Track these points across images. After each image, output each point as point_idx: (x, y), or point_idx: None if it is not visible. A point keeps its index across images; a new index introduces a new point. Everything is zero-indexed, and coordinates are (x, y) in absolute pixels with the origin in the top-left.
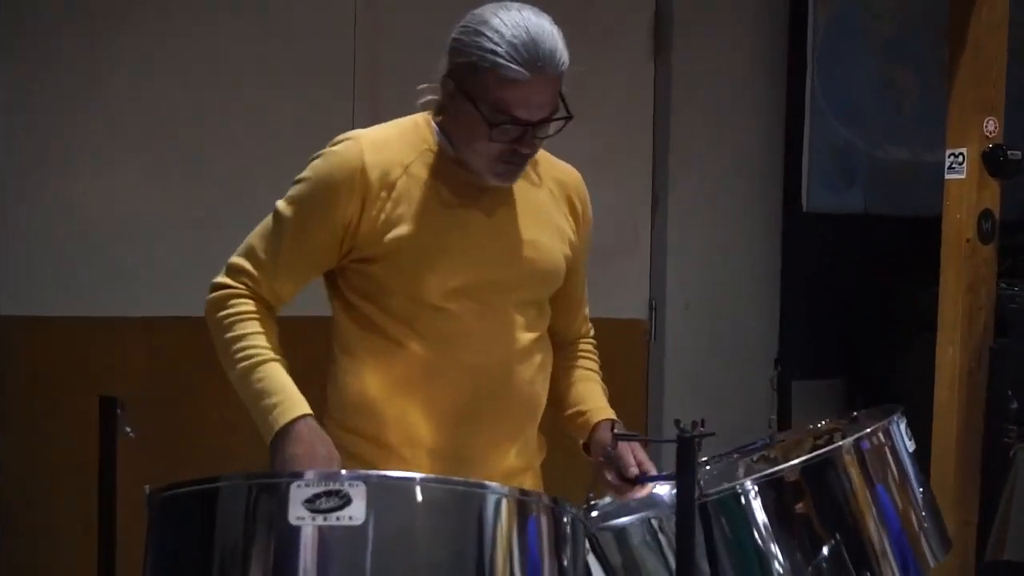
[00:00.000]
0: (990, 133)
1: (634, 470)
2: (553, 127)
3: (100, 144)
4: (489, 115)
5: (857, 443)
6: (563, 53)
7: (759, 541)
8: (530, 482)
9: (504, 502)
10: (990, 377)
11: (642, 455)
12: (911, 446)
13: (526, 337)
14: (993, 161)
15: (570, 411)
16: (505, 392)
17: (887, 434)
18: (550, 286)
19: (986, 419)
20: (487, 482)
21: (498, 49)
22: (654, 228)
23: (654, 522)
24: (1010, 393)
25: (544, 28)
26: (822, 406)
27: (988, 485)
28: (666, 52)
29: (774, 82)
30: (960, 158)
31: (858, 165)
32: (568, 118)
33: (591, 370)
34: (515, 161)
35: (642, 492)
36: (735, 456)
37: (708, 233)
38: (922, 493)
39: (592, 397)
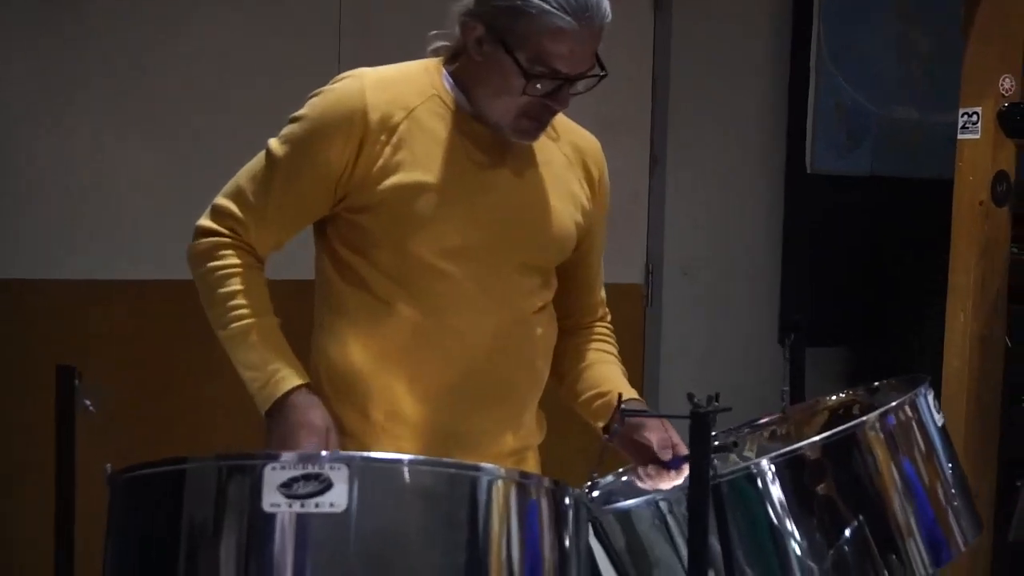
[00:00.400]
0: (1007, 91)
1: (667, 453)
2: (586, 84)
3: (67, 103)
4: (527, 65)
5: (883, 417)
6: (608, 3)
7: (776, 524)
8: (530, 463)
9: (499, 484)
10: (1008, 347)
11: (675, 435)
12: (940, 420)
13: (528, 306)
14: (1010, 120)
15: (588, 394)
16: (502, 366)
17: (914, 407)
18: (558, 253)
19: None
20: (481, 464)
21: None
22: (652, 189)
23: (663, 505)
24: None
25: None
26: (826, 374)
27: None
28: (666, 6)
29: (778, 39)
30: (975, 117)
31: (865, 126)
32: (603, 75)
33: (609, 353)
34: (542, 117)
35: (680, 478)
36: (745, 431)
37: (708, 195)
38: (951, 470)
39: (611, 379)
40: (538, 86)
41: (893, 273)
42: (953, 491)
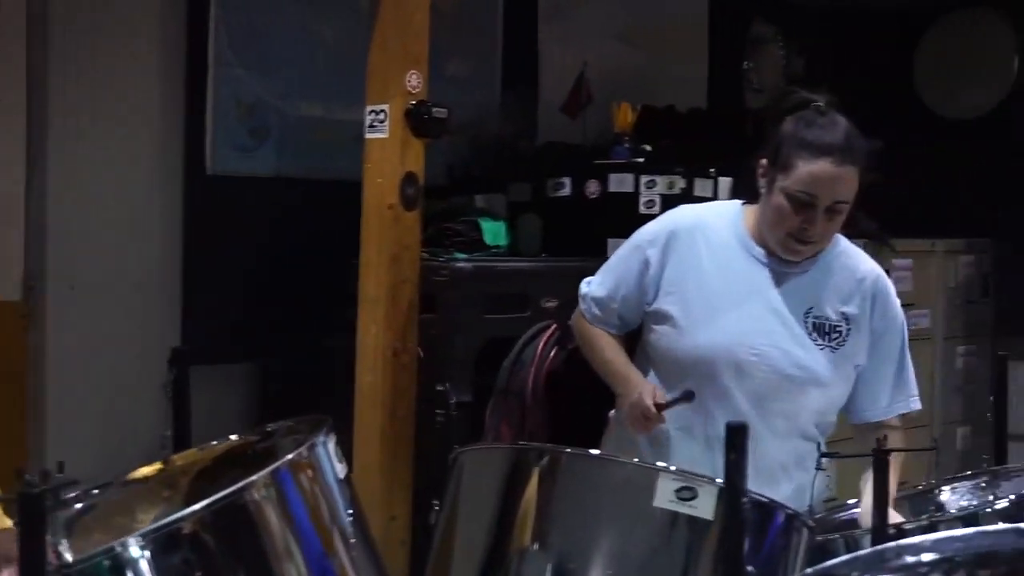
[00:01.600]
0: (414, 88)
1: None
2: None
3: None
4: None
5: (275, 474)
6: None
7: None
8: None
9: None
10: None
11: None
12: (341, 471)
13: None
14: (417, 119)
15: None
16: None
17: (312, 458)
18: None
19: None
20: None
21: None
22: (31, 195)
23: None
24: (448, 386)
25: None
26: (235, 394)
27: (420, 477)
28: None
29: (174, 25)
30: (382, 115)
31: (268, 123)
32: None
33: None
34: None
35: None
36: (118, 486)
37: (99, 201)
38: (353, 525)
39: None
40: None
41: (305, 281)
42: (355, 552)
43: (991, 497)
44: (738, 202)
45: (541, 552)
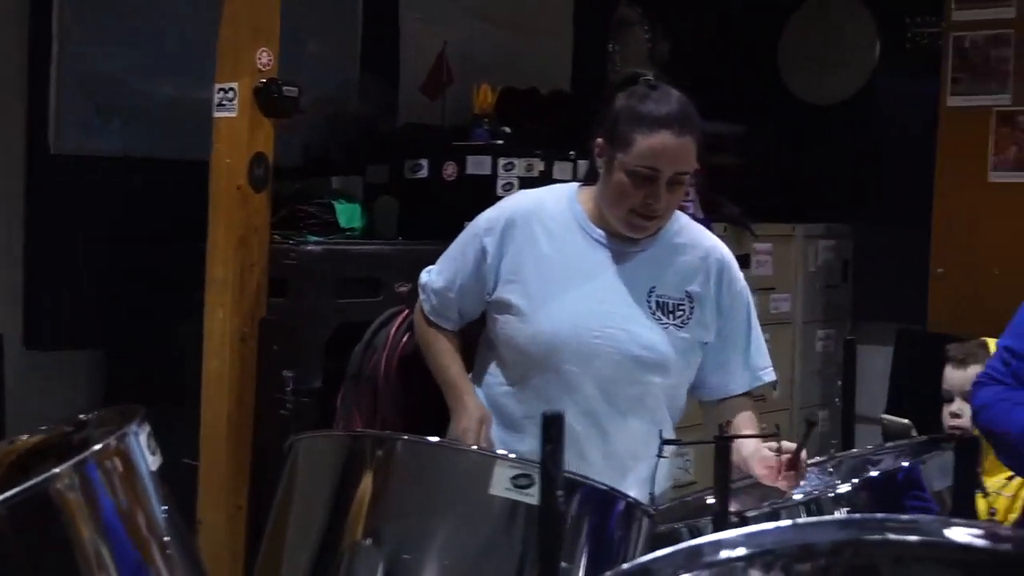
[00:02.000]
0: (264, 66)
1: None
2: None
3: None
4: None
5: (81, 467)
6: None
7: None
8: None
9: None
10: (263, 343)
11: None
12: (154, 463)
13: None
14: (267, 98)
15: None
16: None
17: (123, 449)
18: None
19: (261, 391)
20: None
21: None
22: None
23: None
24: (289, 373)
25: None
26: (81, 382)
27: (268, 466)
28: None
29: (14, 0)
30: (231, 94)
31: (116, 101)
32: None
33: None
34: None
35: None
36: None
37: None
38: (167, 522)
39: None
40: None
41: (154, 265)
42: (167, 539)
43: (837, 481)
44: (574, 184)
45: (375, 544)
